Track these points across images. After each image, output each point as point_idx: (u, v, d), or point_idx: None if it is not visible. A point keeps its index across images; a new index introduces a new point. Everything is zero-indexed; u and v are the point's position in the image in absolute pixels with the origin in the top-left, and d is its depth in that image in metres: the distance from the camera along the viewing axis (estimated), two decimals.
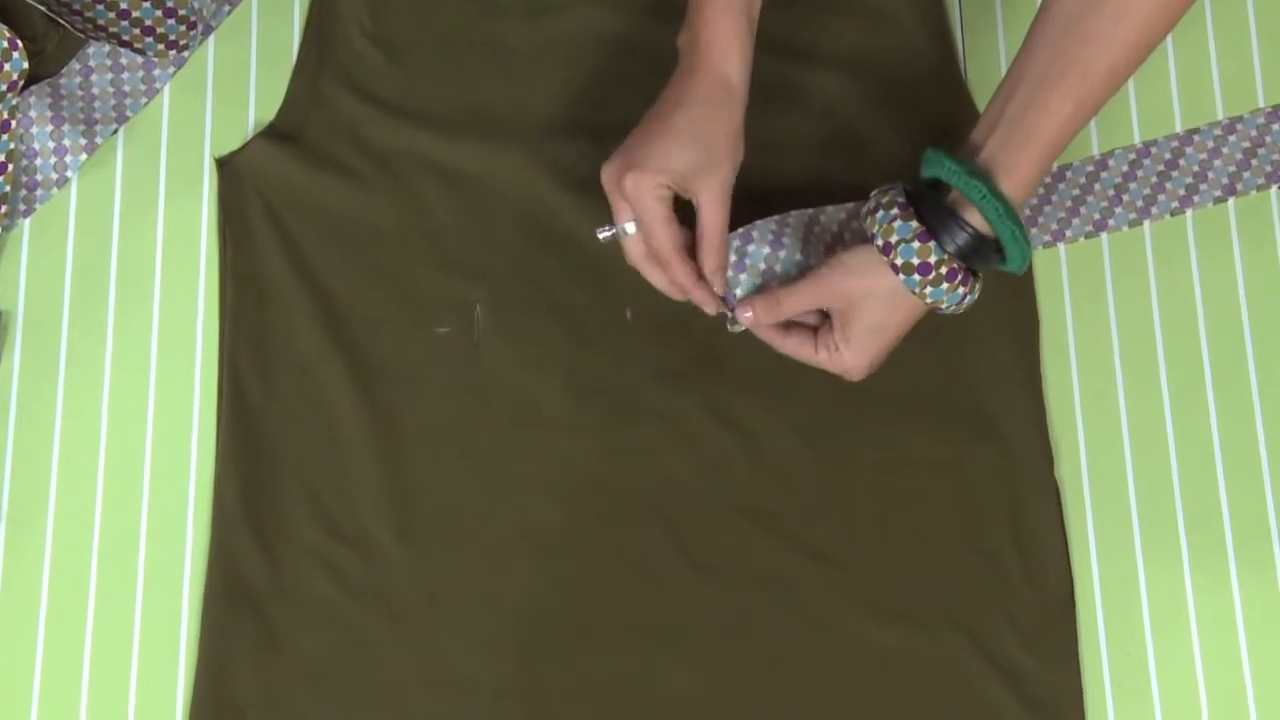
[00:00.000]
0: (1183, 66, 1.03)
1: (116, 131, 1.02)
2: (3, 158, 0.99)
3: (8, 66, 0.99)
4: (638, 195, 0.85)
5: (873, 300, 0.85)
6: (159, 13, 1.02)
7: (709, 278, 0.88)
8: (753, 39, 0.88)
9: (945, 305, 0.85)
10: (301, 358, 0.97)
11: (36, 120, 1.00)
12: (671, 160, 0.85)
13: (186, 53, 1.03)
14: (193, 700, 0.92)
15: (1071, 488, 0.96)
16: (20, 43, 0.99)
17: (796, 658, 0.92)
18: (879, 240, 0.84)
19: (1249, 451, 0.97)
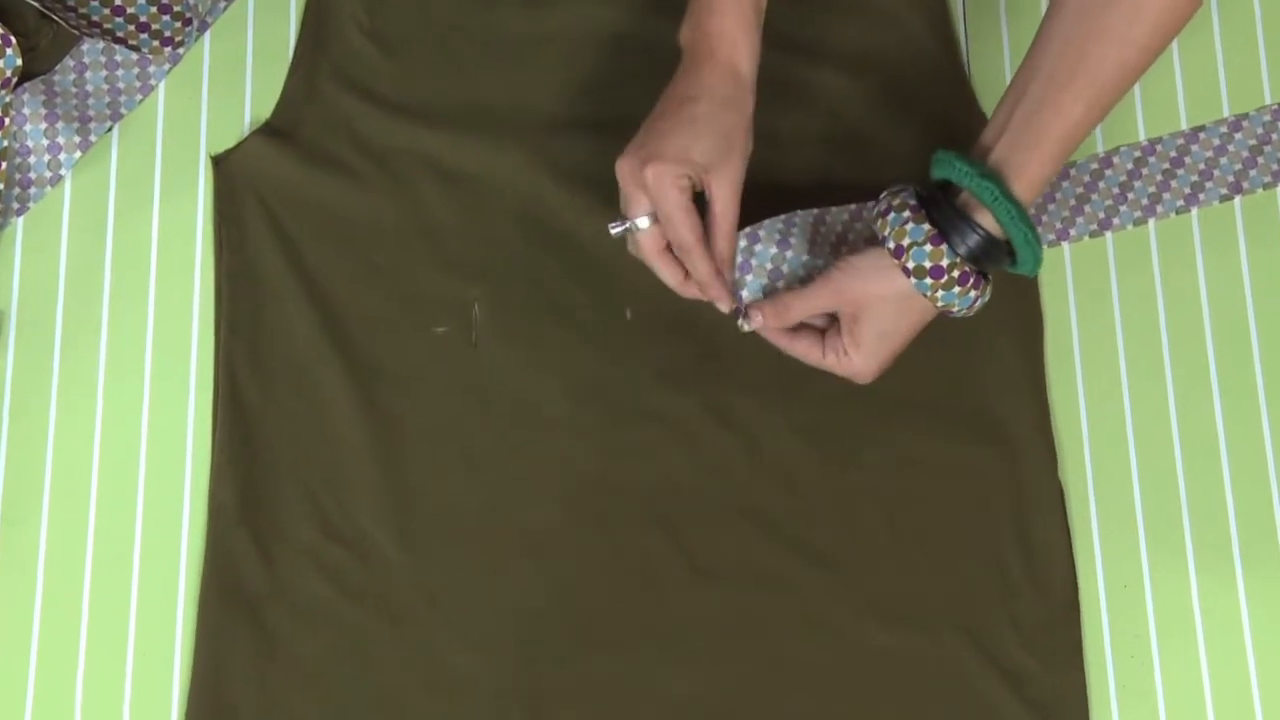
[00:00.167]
0: (1188, 64, 1.03)
1: (111, 129, 1.02)
2: None
3: (1, 63, 0.99)
4: (659, 186, 0.85)
5: (883, 304, 0.85)
6: (154, 9, 1.02)
7: (720, 267, 0.88)
8: (760, 33, 0.88)
9: (956, 309, 0.85)
10: (298, 357, 0.97)
11: (30, 117, 1.00)
12: (692, 151, 0.85)
13: (182, 49, 1.03)
14: (188, 704, 0.92)
15: (1076, 489, 0.96)
16: (13, 39, 0.99)
17: (797, 659, 0.92)
18: (890, 243, 0.84)
19: (1255, 452, 0.97)
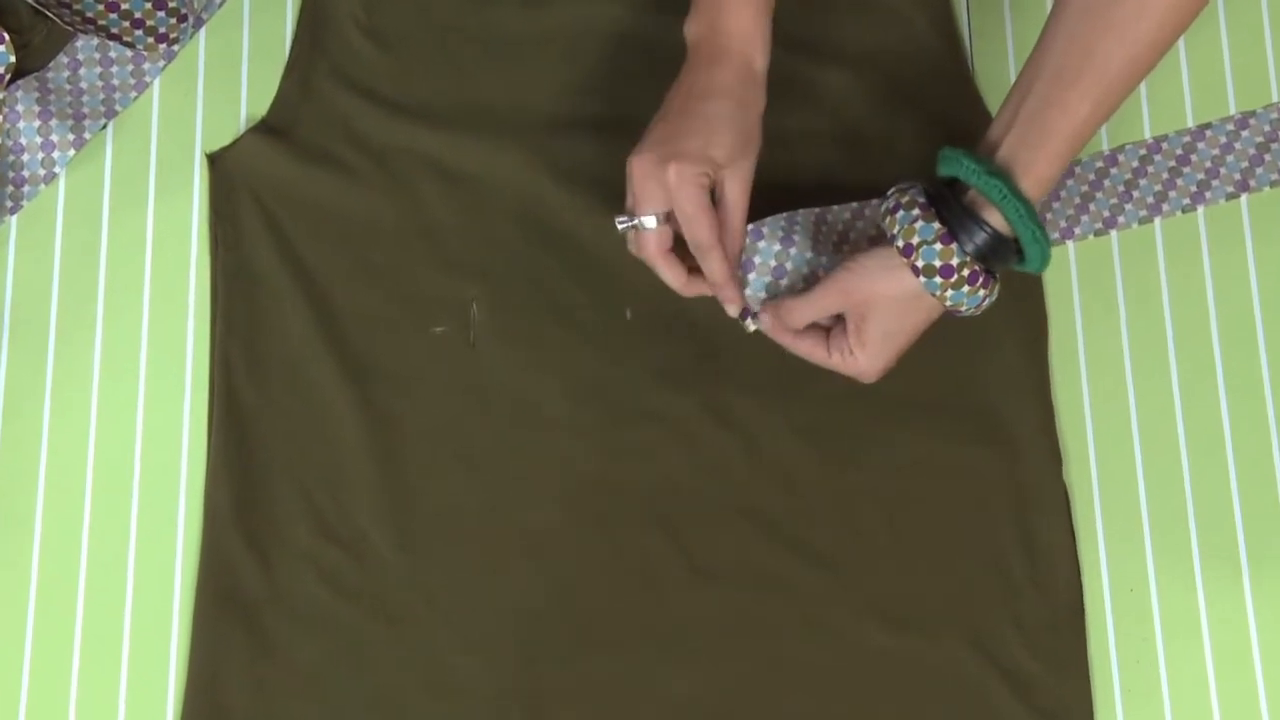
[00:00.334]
0: (1195, 60, 1.03)
1: (105, 126, 1.02)
2: None
3: None
4: (681, 185, 0.84)
5: (890, 303, 0.85)
6: (148, 5, 1.01)
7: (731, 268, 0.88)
8: (771, 29, 0.88)
9: (965, 308, 0.85)
10: (295, 357, 0.97)
11: (23, 115, 1.00)
12: (712, 149, 0.85)
13: (177, 46, 1.03)
14: (184, 708, 0.92)
15: (1080, 490, 0.96)
16: (6, 36, 0.99)
17: (797, 660, 0.92)
18: (899, 241, 0.83)
19: (1261, 453, 0.97)
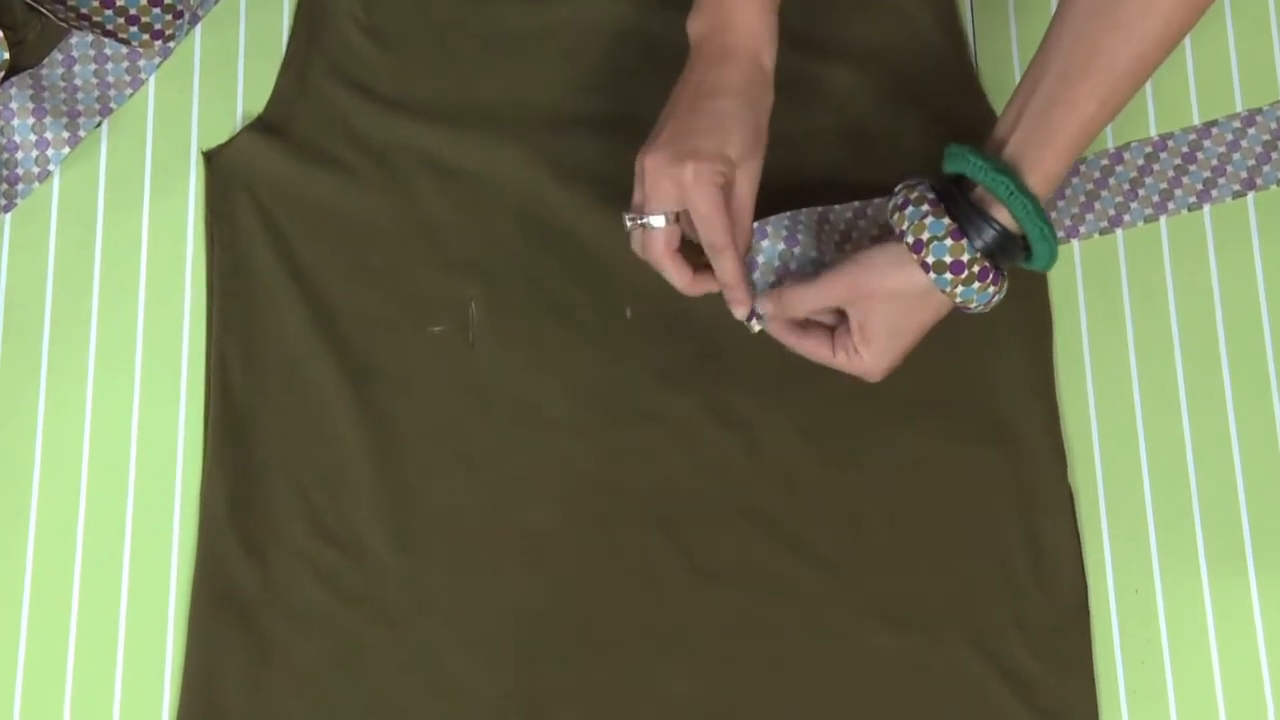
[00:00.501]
0: (1201, 58, 1.03)
1: (100, 124, 1.02)
2: None
3: None
4: (697, 184, 0.84)
5: (896, 300, 0.85)
6: (144, 1, 1.01)
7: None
8: (778, 25, 0.88)
9: (974, 304, 0.85)
10: (291, 357, 0.97)
11: (17, 112, 1.00)
12: (727, 147, 0.85)
13: (173, 43, 1.02)
14: (179, 710, 0.92)
15: (1086, 491, 0.96)
16: (0, 33, 0.99)
17: (799, 662, 0.92)
18: (909, 238, 0.83)
19: (1268, 454, 0.96)
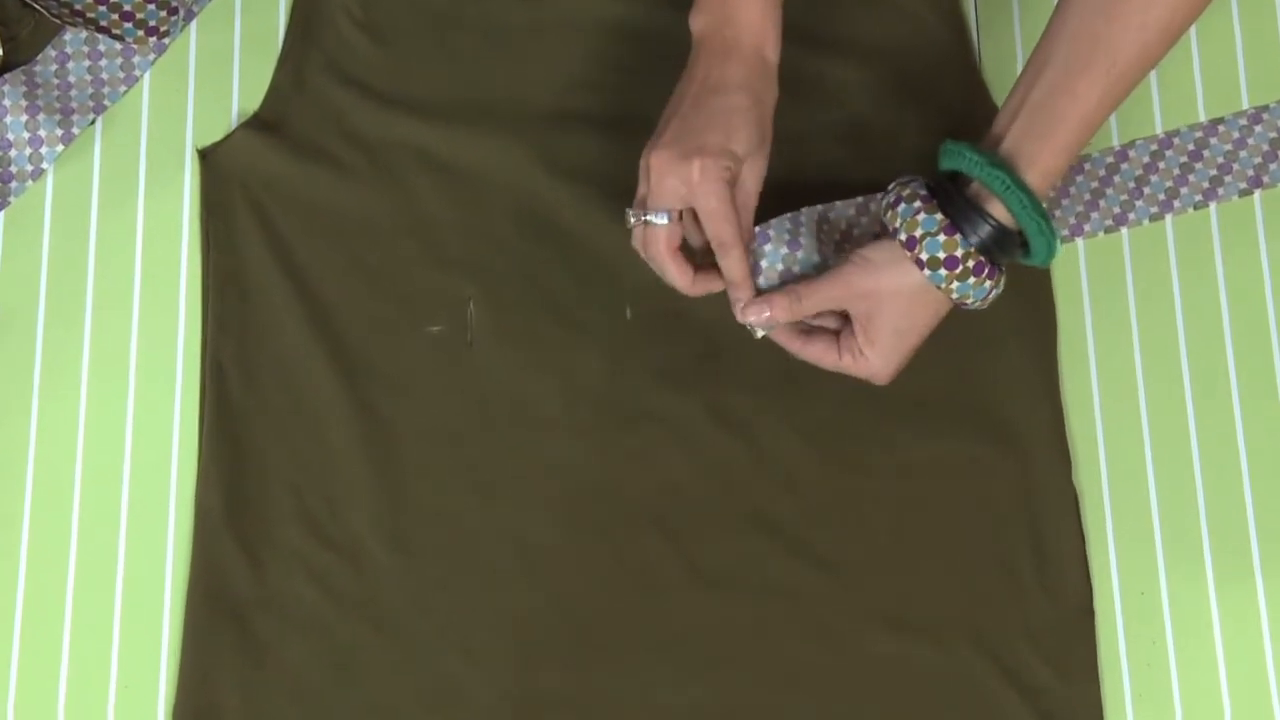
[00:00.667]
0: (1207, 54, 1.02)
1: (94, 121, 1.01)
2: None
3: None
4: (705, 181, 0.84)
5: (897, 298, 0.84)
6: None
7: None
8: (780, 21, 0.88)
9: (971, 300, 0.84)
10: (287, 357, 0.96)
11: (10, 110, 0.99)
12: (733, 143, 0.85)
13: (167, 39, 1.02)
14: (174, 713, 0.91)
15: (1090, 493, 0.95)
16: None
17: (803, 669, 0.91)
18: (902, 235, 0.83)
19: (1275, 455, 0.96)
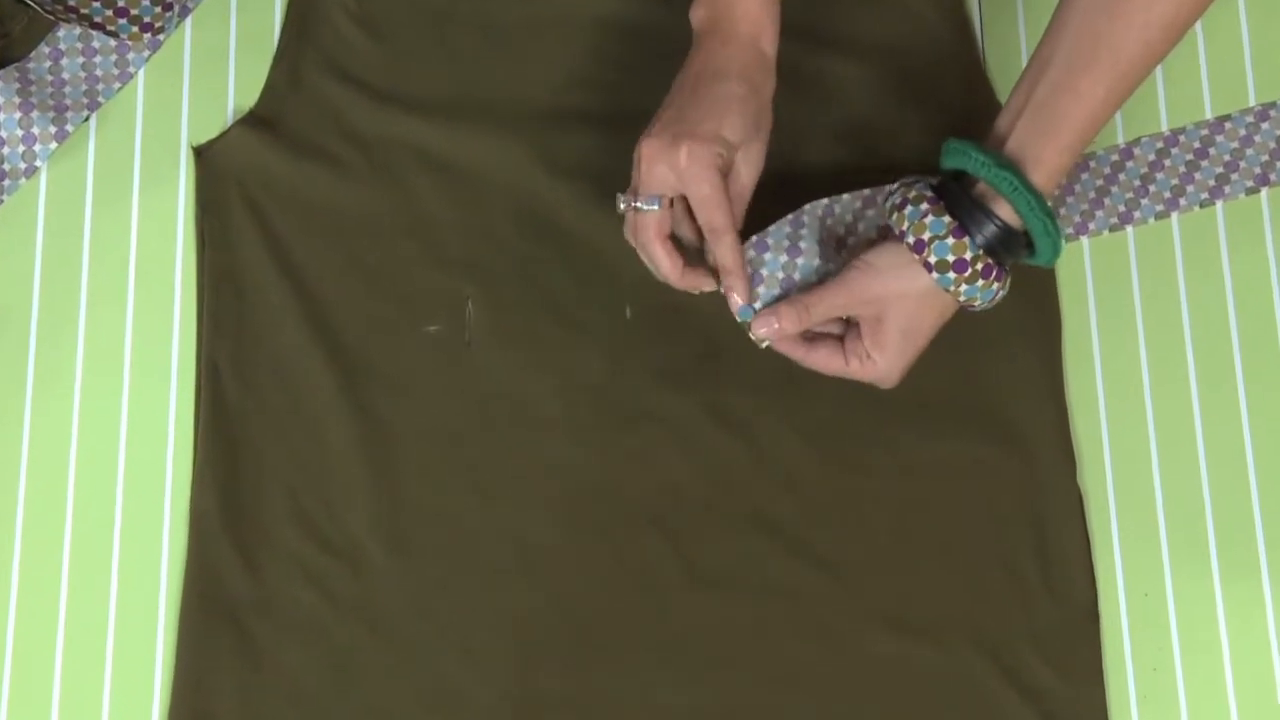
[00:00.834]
0: (1213, 51, 1.02)
1: (88, 119, 1.01)
2: None
3: None
4: (693, 165, 0.84)
5: (905, 302, 0.84)
6: None
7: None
8: (779, 14, 0.88)
9: (979, 303, 0.84)
10: (283, 357, 0.96)
11: (4, 107, 0.99)
12: (725, 130, 0.85)
13: (162, 35, 1.01)
14: (169, 716, 0.91)
15: (1095, 494, 0.95)
16: None
17: (804, 671, 0.91)
18: (909, 238, 0.82)
19: None
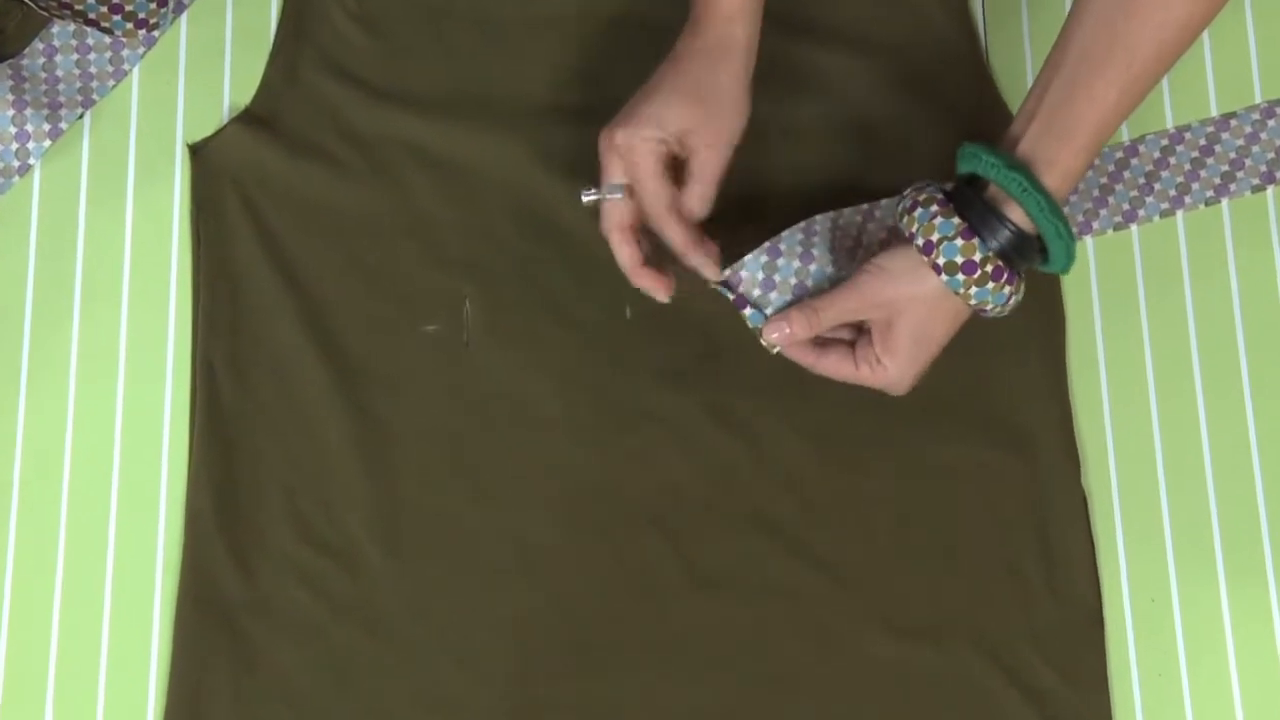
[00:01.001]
0: (1219, 48, 1.01)
1: (82, 116, 1.01)
2: None
3: None
4: (628, 149, 0.85)
5: (915, 305, 0.84)
6: None
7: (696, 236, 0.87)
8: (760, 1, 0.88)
9: (990, 307, 0.83)
10: (280, 357, 0.96)
11: None
12: (666, 115, 0.85)
13: (157, 32, 1.01)
14: (165, 719, 0.91)
15: (1100, 497, 0.94)
16: None
17: (805, 675, 0.91)
18: (919, 240, 0.82)
19: None
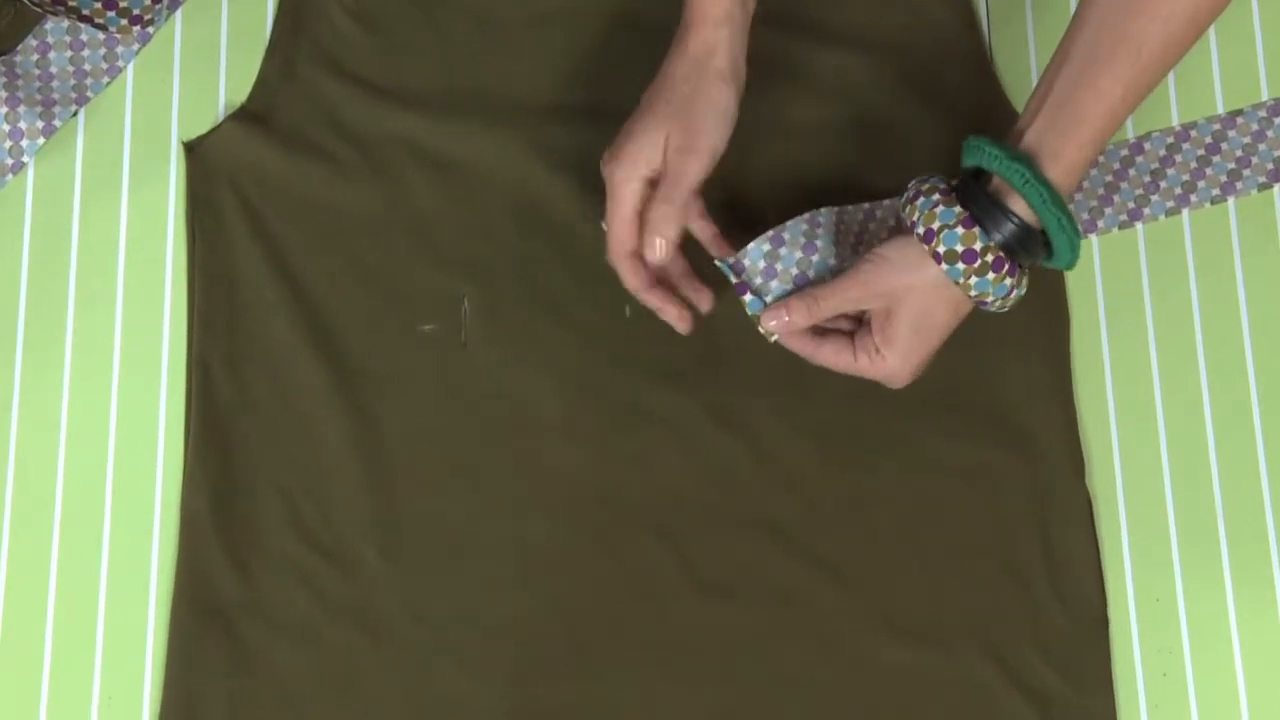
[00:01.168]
0: (1225, 45, 1.01)
1: (76, 113, 1.00)
2: None
3: None
4: (612, 186, 0.88)
5: (915, 295, 0.83)
6: None
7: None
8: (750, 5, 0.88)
9: (991, 298, 0.83)
10: (276, 357, 0.95)
11: None
12: (653, 146, 0.87)
13: (152, 28, 1.01)
14: None
15: (1105, 497, 0.94)
16: None
17: (808, 679, 0.90)
18: (920, 228, 0.82)
19: None
